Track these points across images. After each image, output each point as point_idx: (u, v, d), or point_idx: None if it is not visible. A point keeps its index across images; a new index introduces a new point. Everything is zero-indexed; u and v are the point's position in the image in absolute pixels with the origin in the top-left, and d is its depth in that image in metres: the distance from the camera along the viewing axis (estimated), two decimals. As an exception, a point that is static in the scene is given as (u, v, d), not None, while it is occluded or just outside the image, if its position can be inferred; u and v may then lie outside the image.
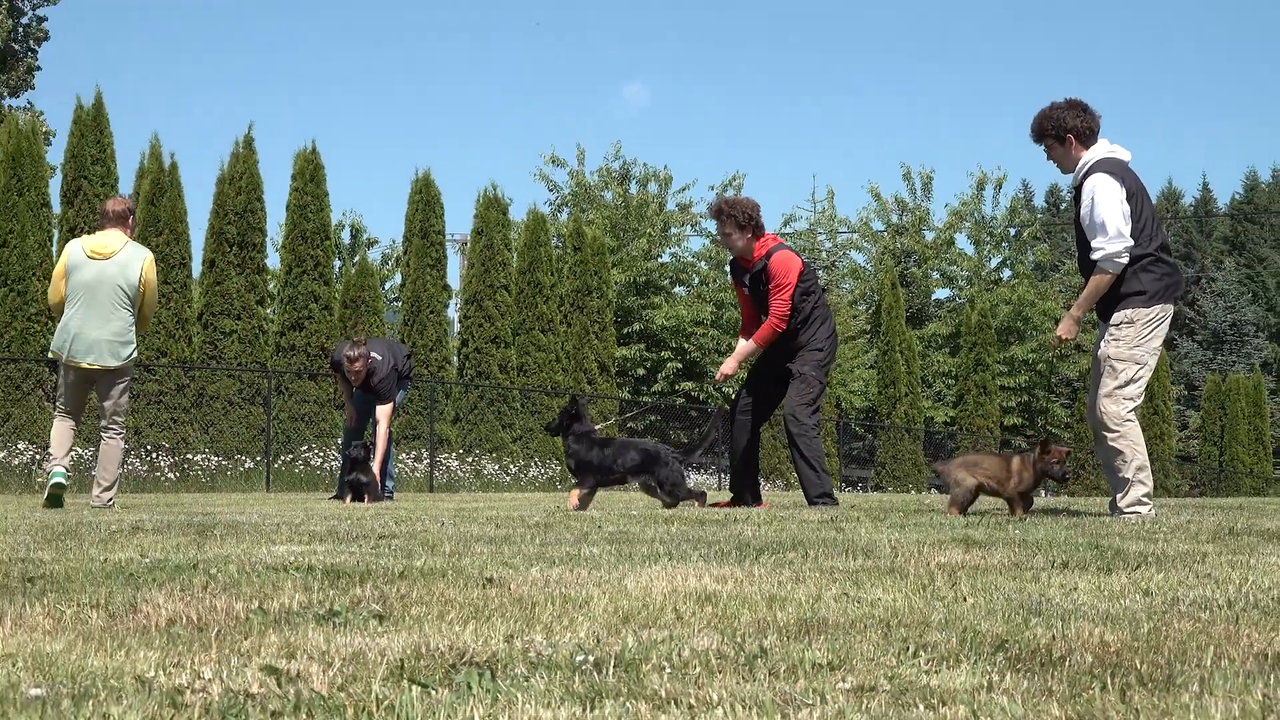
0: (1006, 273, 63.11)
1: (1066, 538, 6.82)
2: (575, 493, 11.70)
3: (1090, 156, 10.00)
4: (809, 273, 12.59)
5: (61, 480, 13.11)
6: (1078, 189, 10.02)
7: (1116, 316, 9.88)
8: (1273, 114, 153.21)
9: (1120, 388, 9.81)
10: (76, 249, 13.55)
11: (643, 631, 3.61)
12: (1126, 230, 9.74)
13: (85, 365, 13.34)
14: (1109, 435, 9.79)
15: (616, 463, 11.71)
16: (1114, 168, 9.93)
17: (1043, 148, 10.23)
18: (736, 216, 12.44)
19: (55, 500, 12.97)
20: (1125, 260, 9.77)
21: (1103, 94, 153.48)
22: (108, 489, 13.44)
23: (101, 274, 13.43)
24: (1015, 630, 3.62)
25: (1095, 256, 9.78)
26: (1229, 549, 6.21)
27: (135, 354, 13.69)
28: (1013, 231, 63.66)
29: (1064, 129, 10.04)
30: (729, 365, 12.75)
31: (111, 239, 13.63)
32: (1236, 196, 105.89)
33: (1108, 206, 9.76)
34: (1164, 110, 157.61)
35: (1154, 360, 10.00)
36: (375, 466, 17.07)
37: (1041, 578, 4.93)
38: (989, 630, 3.61)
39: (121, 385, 13.64)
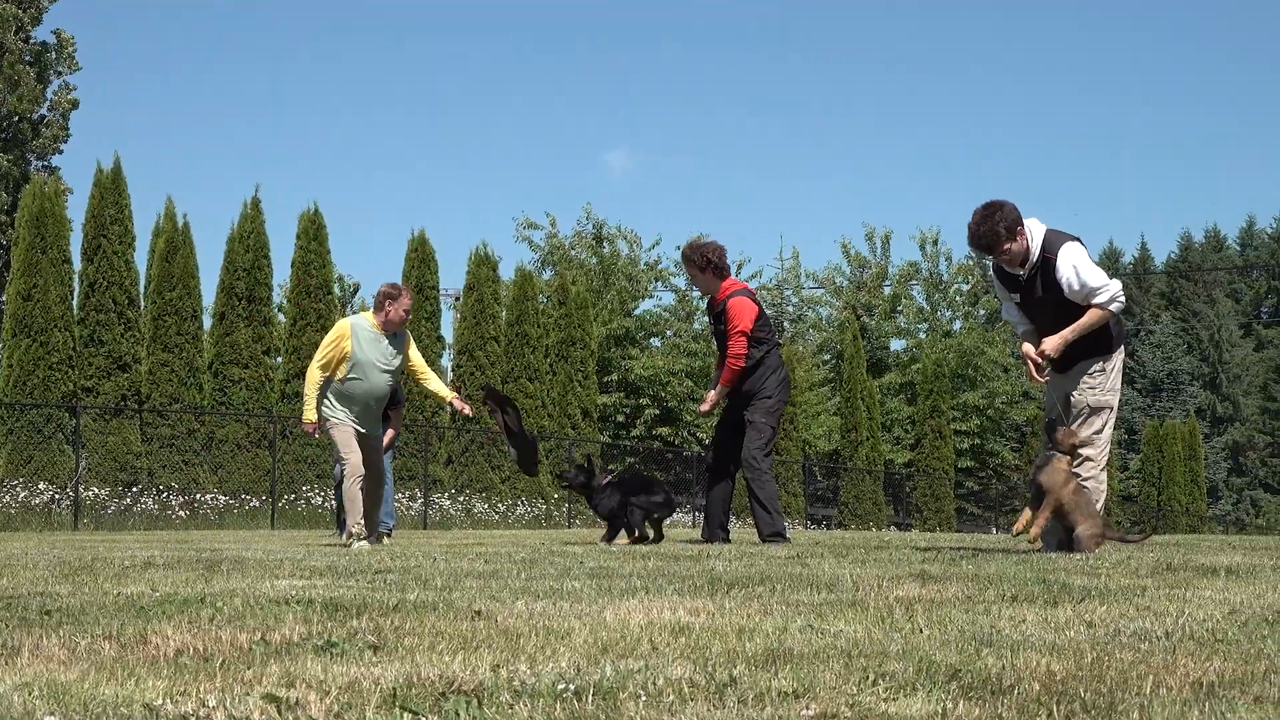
0: (959, 324, 63.25)
1: (1016, 573, 6.80)
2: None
3: (1038, 235, 9.75)
4: (764, 322, 12.61)
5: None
6: (1040, 268, 9.70)
7: (1090, 365, 9.78)
8: (1204, 180, 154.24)
9: (1098, 433, 9.74)
10: None
11: (620, 661, 3.59)
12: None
13: None
14: (1087, 477, 9.70)
15: None
16: (1069, 235, 9.86)
17: (999, 252, 9.74)
18: (695, 259, 12.64)
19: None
20: (1123, 301, 9.78)
21: (1046, 158, 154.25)
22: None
23: None
24: (968, 660, 3.60)
25: (1103, 299, 9.62)
26: (1167, 584, 6.20)
27: (322, 412, 12.78)
28: (964, 286, 63.71)
29: (1014, 223, 9.71)
30: (705, 405, 12.79)
31: None
32: (1172, 256, 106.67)
33: (1091, 266, 9.67)
34: (1106, 175, 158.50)
35: (1118, 403, 9.98)
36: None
37: (992, 610, 4.92)
38: (943, 660, 3.59)
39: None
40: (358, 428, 12.76)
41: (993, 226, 9.71)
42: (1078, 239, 9.88)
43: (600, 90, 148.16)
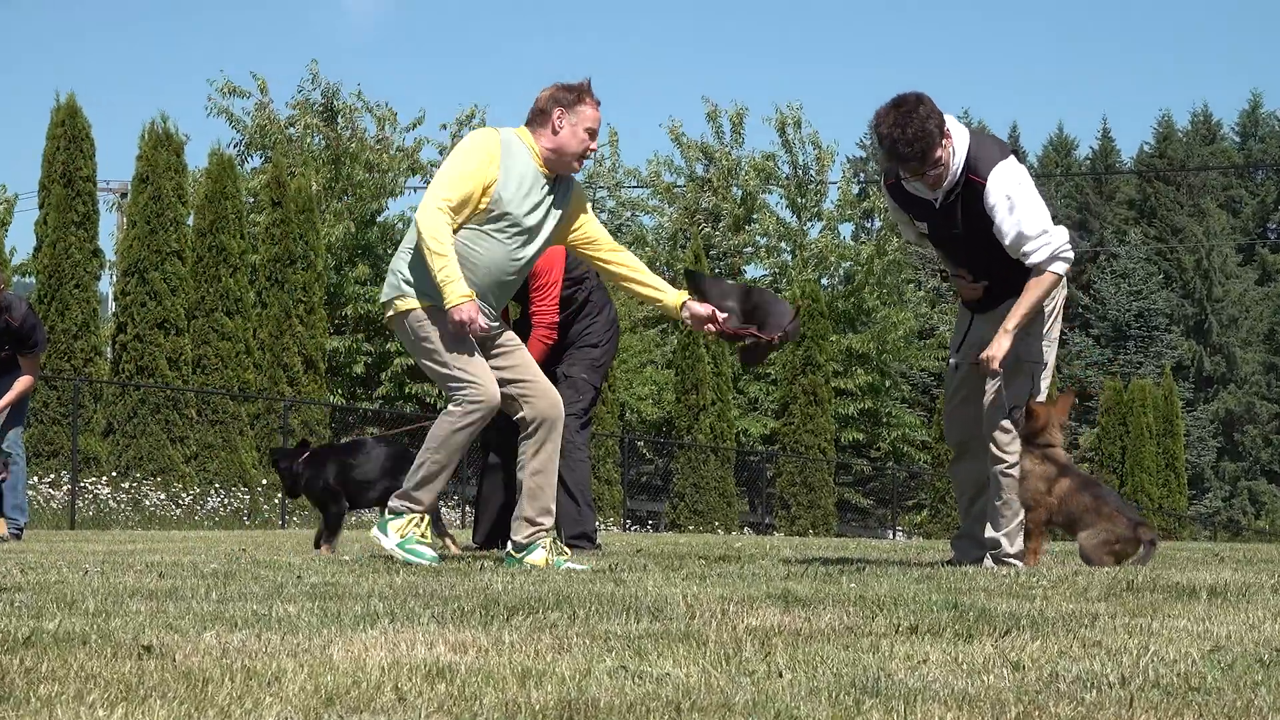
0: (837, 236, 63.56)
1: (917, 594, 6.90)
2: None
3: (960, 145, 9.68)
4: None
5: None
6: (962, 193, 9.67)
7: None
8: (1191, 47, 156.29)
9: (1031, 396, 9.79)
10: None
11: (351, 717, 3.61)
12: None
13: None
14: (1002, 464, 9.79)
15: None
16: (1004, 147, 9.85)
17: (931, 161, 9.58)
18: None
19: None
20: (1070, 258, 9.72)
21: (970, 11, 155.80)
22: None
23: None
24: (844, 714, 3.67)
25: (1039, 257, 9.53)
26: (1126, 609, 6.33)
27: (398, 300, 10.04)
28: (835, 179, 63.80)
29: (942, 119, 9.62)
30: None
31: None
32: (1146, 149, 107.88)
33: (1032, 201, 9.61)
34: (1055, 36, 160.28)
35: (1054, 356, 10.02)
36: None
37: (882, 646, 5.00)
38: (810, 715, 3.65)
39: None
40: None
41: (922, 125, 9.55)
42: (1015, 153, 9.86)
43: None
